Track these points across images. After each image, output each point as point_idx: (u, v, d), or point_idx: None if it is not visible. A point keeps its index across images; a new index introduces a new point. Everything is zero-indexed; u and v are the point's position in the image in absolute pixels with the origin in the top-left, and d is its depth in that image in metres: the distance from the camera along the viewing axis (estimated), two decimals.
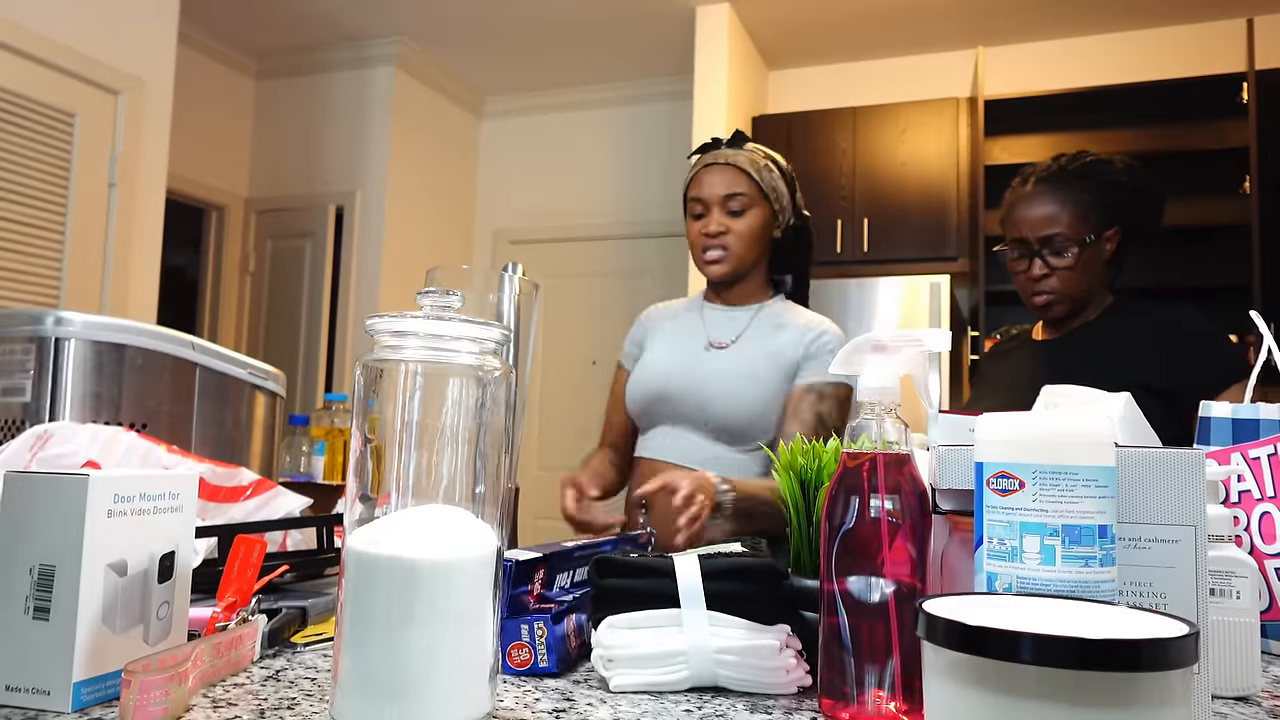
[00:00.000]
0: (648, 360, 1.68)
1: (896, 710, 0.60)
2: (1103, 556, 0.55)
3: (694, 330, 1.68)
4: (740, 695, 0.68)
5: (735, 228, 1.61)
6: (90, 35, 3.08)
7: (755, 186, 1.62)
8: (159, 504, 0.66)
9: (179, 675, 0.58)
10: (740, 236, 1.61)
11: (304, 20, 4.29)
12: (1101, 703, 0.40)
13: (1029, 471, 0.56)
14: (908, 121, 3.97)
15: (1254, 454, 0.91)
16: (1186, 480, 0.61)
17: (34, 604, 0.60)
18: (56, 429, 0.86)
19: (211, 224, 4.70)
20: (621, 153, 4.89)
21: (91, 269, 3.09)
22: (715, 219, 1.61)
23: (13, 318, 1.08)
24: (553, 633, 0.71)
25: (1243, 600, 0.73)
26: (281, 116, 4.73)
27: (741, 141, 1.65)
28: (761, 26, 4.18)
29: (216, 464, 0.97)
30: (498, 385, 0.60)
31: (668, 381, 1.61)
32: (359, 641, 0.55)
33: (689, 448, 1.58)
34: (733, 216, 1.61)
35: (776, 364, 1.58)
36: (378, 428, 0.58)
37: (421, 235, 4.70)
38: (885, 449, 0.63)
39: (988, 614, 0.45)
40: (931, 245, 3.87)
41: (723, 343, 1.63)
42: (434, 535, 0.57)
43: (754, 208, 1.62)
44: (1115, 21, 3.97)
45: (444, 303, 0.60)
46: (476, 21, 4.23)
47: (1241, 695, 0.72)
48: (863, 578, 0.62)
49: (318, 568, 1.00)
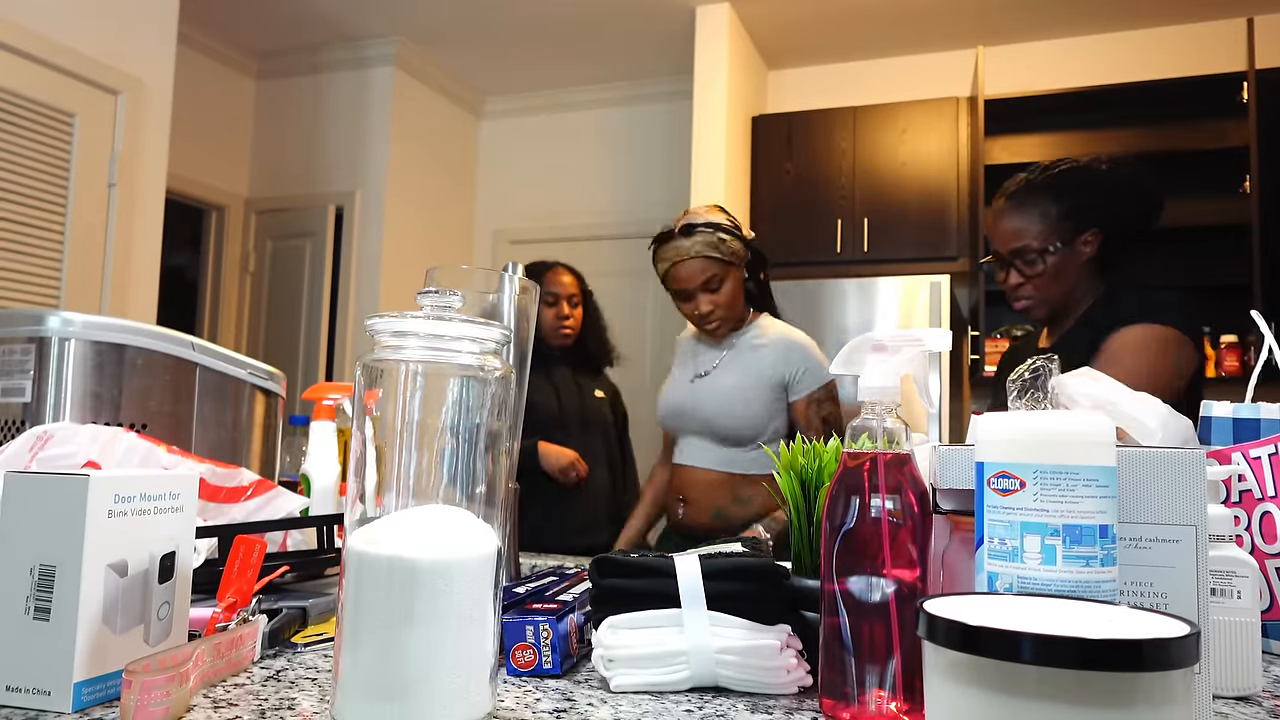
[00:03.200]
0: (663, 390, 2.09)
1: (897, 710, 0.60)
2: (1104, 556, 0.55)
3: (687, 360, 2.06)
4: (741, 695, 0.68)
5: (719, 300, 1.92)
6: (90, 35, 3.08)
7: (721, 263, 1.89)
8: (159, 504, 0.66)
9: (180, 675, 0.58)
10: (725, 304, 1.93)
11: (304, 20, 4.29)
12: (1102, 703, 0.40)
13: (1030, 471, 0.56)
14: (908, 121, 3.97)
15: (1255, 453, 0.91)
16: (1187, 480, 0.61)
17: (34, 604, 0.60)
18: (57, 429, 0.86)
19: (211, 224, 4.69)
20: (621, 153, 4.89)
21: (91, 269, 3.09)
22: (702, 302, 1.92)
23: (13, 318, 1.08)
24: (557, 633, 0.71)
25: (1243, 600, 0.73)
26: (281, 116, 4.73)
27: (691, 230, 1.89)
28: (761, 26, 4.18)
29: (217, 464, 0.97)
30: (498, 385, 0.60)
31: (674, 407, 2.02)
32: (360, 641, 0.55)
33: (707, 452, 1.97)
34: (714, 293, 1.91)
35: (759, 378, 1.92)
36: (378, 427, 0.58)
37: (421, 235, 4.70)
38: (886, 448, 0.63)
39: (988, 614, 0.45)
40: (931, 245, 3.87)
41: (705, 372, 1.99)
42: (434, 535, 0.57)
43: (727, 277, 1.91)
44: (1115, 21, 3.97)
45: (444, 303, 0.60)
46: (476, 21, 4.23)
47: (1242, 695, 0.72)
48: (863, 578, 0.62)
49: (318, 568, 1.00)
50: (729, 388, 1.92)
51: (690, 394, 1.98)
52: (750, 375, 1.92)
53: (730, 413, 1.91)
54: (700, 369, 1.99)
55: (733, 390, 1.92)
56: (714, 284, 1.90)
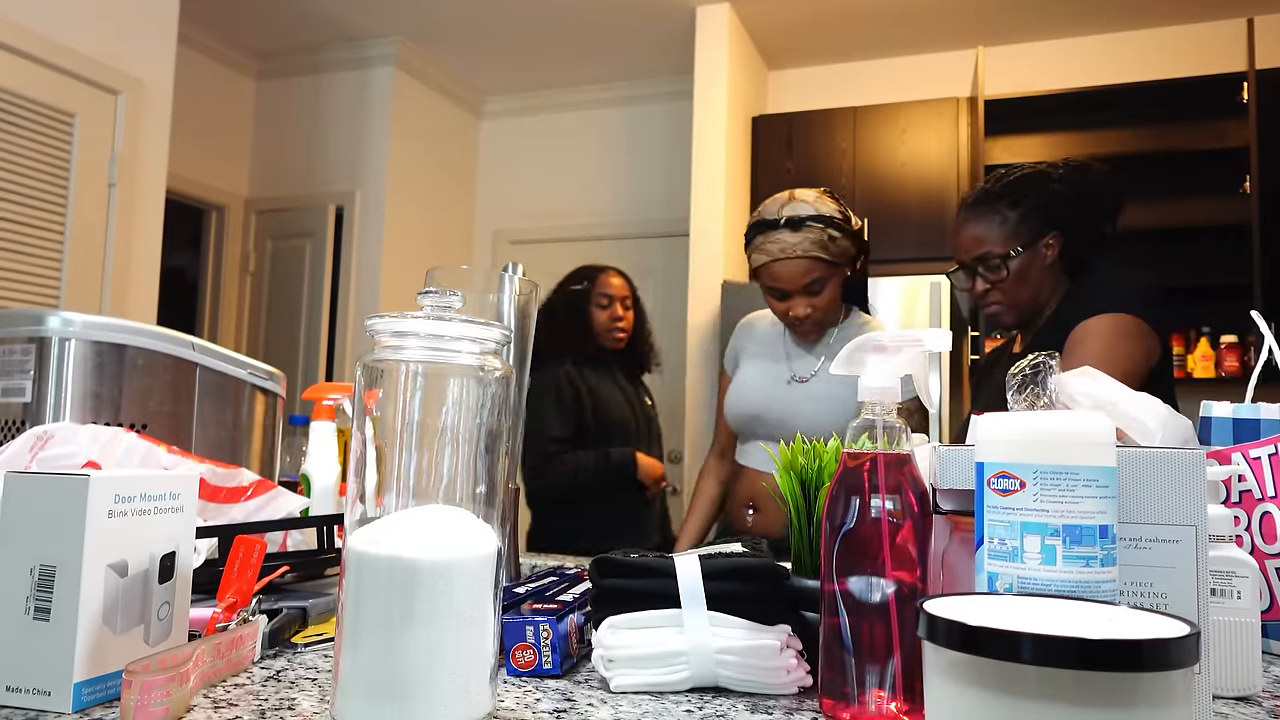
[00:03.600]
0: (740, 383, 1.84)
1: (897, 710, 0.60)
2: (1104, 556, 0.55)
3: (778, 356, 1.81)
4: (741, 695, 0.68)
5: (819, 304, 1.70)
6: (90, 35, 3.08)
7: (829, 264, 1.67)
8: (159, 504, 0.66)
9: (180, 676, 0.58)
10: (825, 309, 1.71)
11: (304, 20, 4.29)
12: (1102, 703, 0.40)
13: (1030, 471, 0.56)
14: (908, 121, 3.97)
15: (1255, 454, 0.91)
16: (1187, 480, 0.61)
17: (34, 604, 0.60)
18: (57, 429, 0.86)
19: (211, 224, 4.69)
20: (622, 153, 4.89)
21: (91, 269, 3.09)
22: (799, 305, 1.70)
23: (13, 318, 1.08)
24: (557, 633, 0.71)
25: (1243, 600, 0.73)
26: (281, 116, 4.73)
27: (799, 225, 1.65)
28: (761, 26, 4.17)
29: (217, 464, 0.97)
30: (498, 385, 0.60)
31: (759, 409, 1.78)
32: (360, 642, 0.55)
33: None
34: (815, 295, 1.69)
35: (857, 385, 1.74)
36: (379, 428, 0.58)
37: (421, 235, 4.70)
38: (886, 449, 0.63)
39: (988, 614, 0.45)
40: (931, 245, 3.87)
41: (804, 377, 1.76)
42: (434, 535, 0.57)
43: (832, 278, 1.69)
44: (1115, 21, 3.97)
45: (444, 303, 0.60)
46: (476, 21, 4.23)
47: (1242, 695, 0.72)
48: (863, 578, 0.62)
49: (318, 568, 1.00)
50: (837, 398, 1.71)
51: (787, 398, 1.76)
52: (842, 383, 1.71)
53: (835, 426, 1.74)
54: (799, 372, 1.77)
55: (841, 402, 1.70)
56: (816, 287, 1.68)
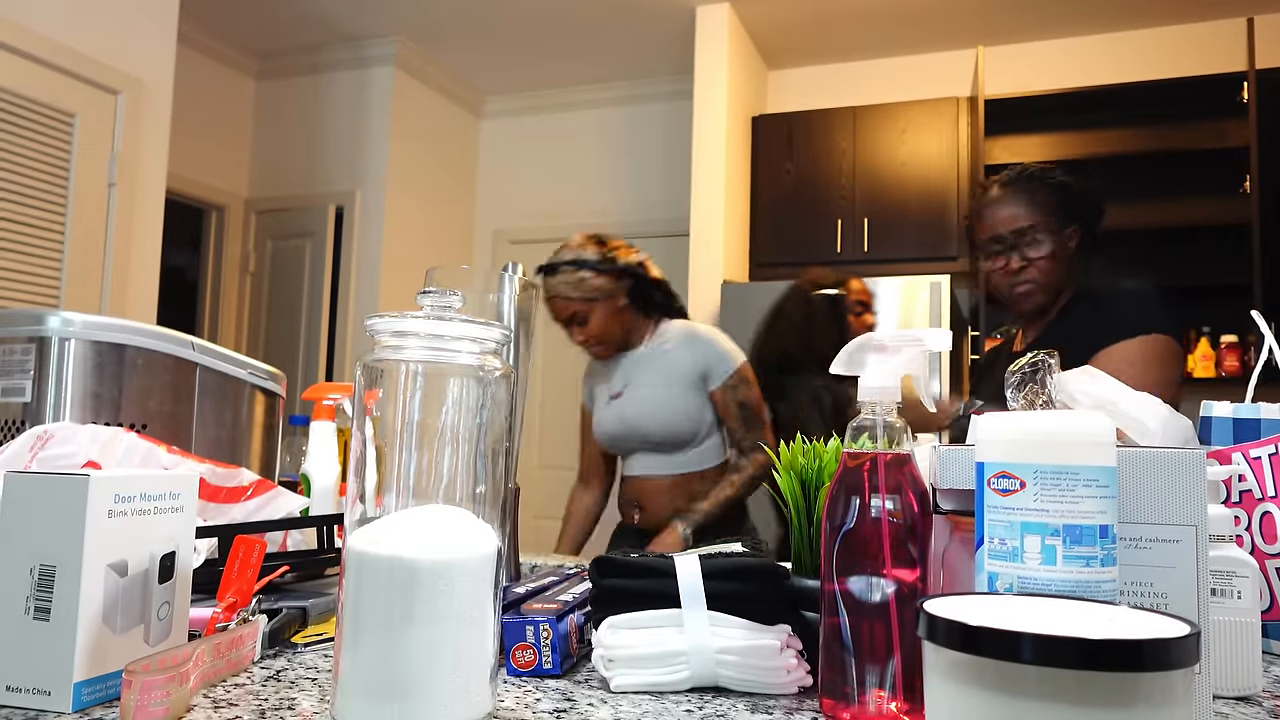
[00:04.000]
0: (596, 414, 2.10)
1: (897, 710, 0.60)
2: (1104, 556, 0.55)
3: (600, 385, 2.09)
4: (741, 695, 0.68)
5: (589, 332, 1.96)
6: (90, 35, 3.08)
7: (580, 301, 1.92)
8: (159, 504, 0.66)
9: (180, 675, 0.58)
10: (596, 335, 1.96)
11: (304, 20, 4.29)
12: (1103, 703, 0.40)
13: (1030, 471, 0.56)
14: (908, 121, 3.97)
15: (1255, 453, 0.91)
16: (1187, 480, 0.61)
17: (34, 604, 0.60)
18: (57, 429, 0.86)
19: (211, 224, 4.69)
20: (621, 153, 4.89)
21: (91, 269, 3.09)
22: (574, 334, 1.98)
23: (13, 318, 1.08)
24: (557, 633, 0.71)
25: (1244, 600, 0.73)
26: (281, 116, 4.73)
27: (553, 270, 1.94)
28: (761, 26, 4.18)
29: (217, 464, 0.97)
30: (498, 385, 0.60)
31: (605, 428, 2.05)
32: (360, 642, 0.55)
33: (654, 461, 2.01)
34: (582, 326, 1.96)
35: (677, 378, 1.96)
36: (379, 427, 0.58)
37: (421, 235, 4.70)
38: (886, 449, 0.63)
39: (988, 614, 0.45)
40: (931, 245, 3.87)
41: (617, 392, 2.02)
42: (434, 535, 0.57)
43: (593, 311, 1.94)
44: (1115, 21, 3.97)
45: (444, 303, 0.60)
46: (475, 21, 4.23)
47: (1243, 695, 0.72)
48: (863, 578, 0.62)
49: (318, 568, 1.00)
50: (650, 397, 1.96)
51: (614, 414, 2.01)
52: (664, 378, 1.96)
53: (660, 419, 1.95)
54: (613, 389, 2.03)
55: (655, 398, 1.95)
56: (578, 319, 1.95)
